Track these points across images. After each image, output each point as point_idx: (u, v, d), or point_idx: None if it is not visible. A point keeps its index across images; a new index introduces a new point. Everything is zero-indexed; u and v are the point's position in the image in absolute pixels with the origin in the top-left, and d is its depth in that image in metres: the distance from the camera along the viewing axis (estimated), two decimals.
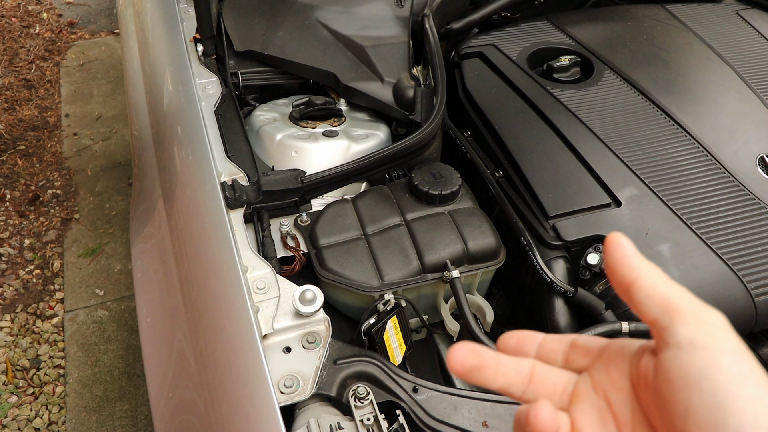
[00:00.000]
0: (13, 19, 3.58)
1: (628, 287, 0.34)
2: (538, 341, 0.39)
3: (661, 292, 0.33)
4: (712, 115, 1.17)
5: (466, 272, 0.95)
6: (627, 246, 0.34)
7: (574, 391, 0.36)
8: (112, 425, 1.78)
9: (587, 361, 0.37)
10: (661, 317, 0.32)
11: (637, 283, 0.33)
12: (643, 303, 0.33)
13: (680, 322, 0.31)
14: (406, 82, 1.21)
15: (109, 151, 2.74)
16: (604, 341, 0.37)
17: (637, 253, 0.34)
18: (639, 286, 0.33)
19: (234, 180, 0.96)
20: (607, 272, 0.35)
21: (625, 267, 0.34)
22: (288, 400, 0.71)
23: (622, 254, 0.34)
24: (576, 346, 0.38)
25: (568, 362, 0.38)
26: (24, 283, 2.17)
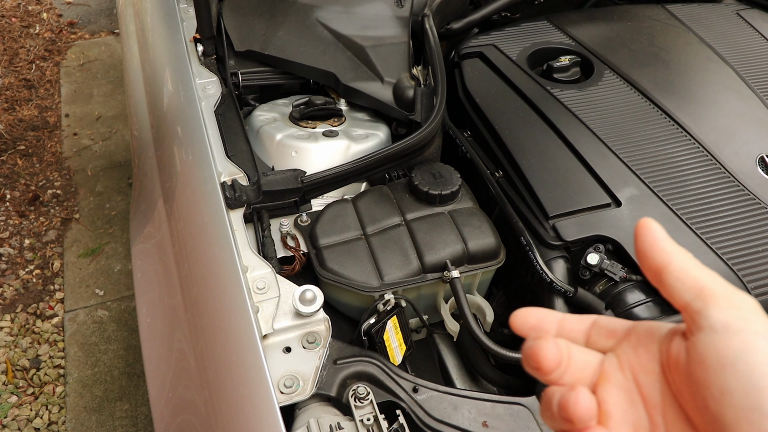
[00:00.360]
0: (13, 19, 3.58)
1: (660, 272, 0.34)
2: (557, 320, 0.39)
3: (693, 276, 0.33)
4: (712, 115, 1.17)
5: (466, 272, 0.95)
6: (658, 231, 0.35)
7: (602, 372, 0.36)
8: (112, 425, 1.78)
9: (611, 342, 0.37)
10: (693, 301, 0.32)
11: (669, 267, 0.33)
12: (675, 287, 0.33)
13: (713, 306, 0.31)
14: (406, 82, 1.21)
15: (109, 151, 2.74)
16: (629, 323, 0.37)
17: (668, 238, 0.34)
18: (671, 271, 0.33)
19: (234, 180, 0.96)
20: (639, 257, 0.35)
21: (656, 252, 0.34)
22: (288, 400, 0.71)
23: (654, 239, 0.34)
24: (598, 326, 0.38)
25: (589, 342, 0.38)
26: (24, 283, 2.17)
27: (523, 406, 0.77)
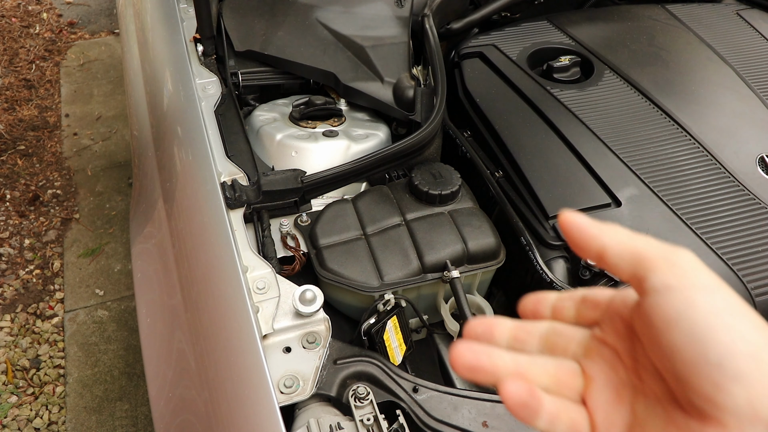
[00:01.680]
0: (13, 19, 3.58)
1: (600, 256, 0.35)
2: (551, 301, 0.40)
3: (629, 248, 0.34)
4: (712, 115, 1.17)
5: (466, 272, 0.95)
6: (580, 220, 0.35)
7: (587, 345, 0.38)
8: (112, 425, 1.78)
9: (596, 314, 0.38)
10: (636, 270, 0.33)
11: (606, 248, 0.34)
12: (617, 264, 0.34)
13: (653, 269, 0.32)
14: (406, 82, 1.21)
15: (109, 151, 2.74)
16: (611, 293, 0.38)
17: (591, 222, 0.35)
18: (608, 251, 0.34)
19: (234, 180, 0.96)
20: (576, 251, 0.36)
21: (589, 239, 0.35)
22: (288, 400, 0.71)
23: (580, 228, 0.35)
24: (585, 300, 0.39)
25: (579, 317, 0.39)
26: (24, 283, 2.17)
27: None
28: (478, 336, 0.39)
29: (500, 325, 0.39)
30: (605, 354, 0.37)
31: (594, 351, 0.37)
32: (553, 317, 0.40)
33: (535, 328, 0.39)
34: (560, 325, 0.39)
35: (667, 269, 0.32)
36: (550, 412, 0.35)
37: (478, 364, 0.36)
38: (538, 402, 0.35)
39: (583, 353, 0.38)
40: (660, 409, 0.33)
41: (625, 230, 0.35)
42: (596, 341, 0.37)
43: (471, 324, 0.39)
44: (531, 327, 0.39)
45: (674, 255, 0.33)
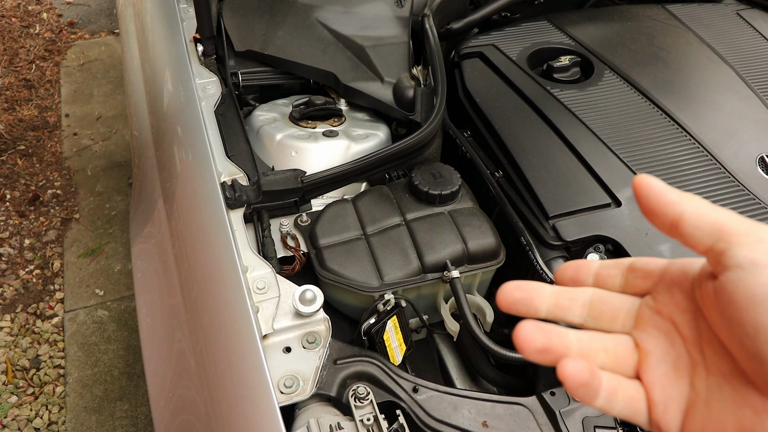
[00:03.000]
0: (13, 19, 3.58)
1: (675, 224, 0.33)
2: (594, 269, 0.38)
3: (710, 220, 0.32)
4: (712, 115, 1.17)
5: (466, 272, 0.95)
6: (659, 185, 0.33)
7: (638, 315, 0.36)
8: (112, 425, 1.78)
9: (648, 284, 0.36)
10: (716, 243, 0.31)
11: (683, 216, 0.32)
12: (694, 234, 0.32)
13: (737, 244, 0.30)
14: (406, 82, 1.21)
15: (109, 151, 2.74)
16: (664, 263, 0.36)
17: (671, 188, 0.33)
18: (686, 220, 0.32)
19: (234, 180, 0.96)
20: (648, 216, 0.34)
21: (665, 205, 0.33)
22: (288, 400, 0.71)
23: (658, 193, 0.33)
24: (634, 269, 0.37)
25: (627, 286, 0.37)
26: (24, 283, 2.17)
27: (523, 406, 0.77)
28: (517, 302, 0.36)
29: (540, 291, 0.37)
30: (660, 325, 0.35)
31: (647, 322, 0.36)
32: (597, 285, 0.38)
33: (579, 295, 0.37)
34: (605, 293, 0.37)
35: (753, 244, 0.30)
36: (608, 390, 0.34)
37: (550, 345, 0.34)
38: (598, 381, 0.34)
39: (634, 324, 0.36)
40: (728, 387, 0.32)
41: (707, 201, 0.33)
42: (650, 311, 0.36)
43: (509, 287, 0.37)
44: (573, 293, 0.37)
45: (761, 230, 0.31)
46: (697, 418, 0.32)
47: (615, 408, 0.34)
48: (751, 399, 0.30)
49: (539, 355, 0.34)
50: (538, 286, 0.37)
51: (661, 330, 0.35)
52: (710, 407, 0.32)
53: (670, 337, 0.35)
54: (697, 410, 0.32)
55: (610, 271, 0.38)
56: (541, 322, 0.35)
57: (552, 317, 0.37)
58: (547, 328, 0.35)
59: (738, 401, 0.31)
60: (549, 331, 0.35)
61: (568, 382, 0.33)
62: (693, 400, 0.33)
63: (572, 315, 0.37)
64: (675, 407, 0.33)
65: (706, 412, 0.32)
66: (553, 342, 0.34)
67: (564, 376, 0.33)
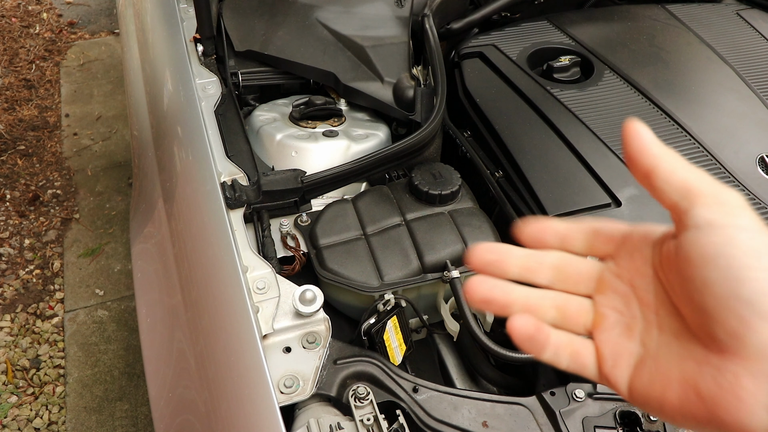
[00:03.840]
0: (13, 19, 3.58)
1: (648, 174, 0.34)
2: (559, 231, 0.39)
3: (680, 177, 0.33)
4: (712, 115, 1.17)
5: (466, 272, 0.95)
6: (646, 134, 0.35)
7: (599, 279, 0.38)
8: (112, 425, 1.78)
9: (611, 248, 0.38)
10: (680, 201, 0.33)
11: (657, 169, 0.34)
12: (663, 188, 0.34)
13: (699, 204, 0.32)
14: (406, 82, 1.21)
15: (109, 151, 2.74)
16: (627, 228, 0.38)
17: (657, 141, 0.35)
18: (659, 173, 0.34)
19: (234, 180, 0.96)
20: (627, 161, 0.35)
21: (645, 155, 0.34)
22: (288, 400, 0.71)
23: (642, 142, 0.35)
24: (598, 233, 0.39)
25: (590, 249, 0.39)
26: (24, 283, 2.17)
27: (523, 406, 0.77)
28: (488, 264, 0.38)
29: (511, 253, 0.39)
30: (619, 289, 0.37)
31: (608, 286, 0.37)
32: (560, 247, 0.39)
33: (546, 258, 0.39)
34: (571, 257, 0.39)
35: (713, 205, 0.32)
36: (556, 345, 0.36)
37: (492, 296, 0.37)
38: (545, 336, 0.36)
39: (596, 287, 0.38)
40: (676, 343, 0.34)
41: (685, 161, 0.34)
42: (610, 275, 0.38)
43: (481, 249, 0.39)
44: (541, 257, 0.39)
45: (724, 193, 0.32)
46: (645, 372, 0.35)
47: (562, 361, 0.37)
48: (694, 352, 0.33)
49: (482, 305, 0.37)
50: (509, 249, 0.39)
51: (619, 293, 0.37)
52: (658, 362, 0.34)
53: (627, 301, 0.37)
54: (645, 365, 0.35)
55: (573, 234, 0.39)
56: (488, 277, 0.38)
57: (521, 279, 0.39)
58: (492, 281, 0.38)
59: (683, 355, 0.33)
60: (493, 285, 0.38)
61: (515, 335, 0.36)
62: (643, 357, 0.35)
63: (540, 277, 0.39)
64: (624, 362, 0.35)
65: (654, 366, 0.34)
66: (495, 294, 0.37)
67: (511, 329, 0.36)
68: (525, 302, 0.38)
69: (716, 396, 0.31)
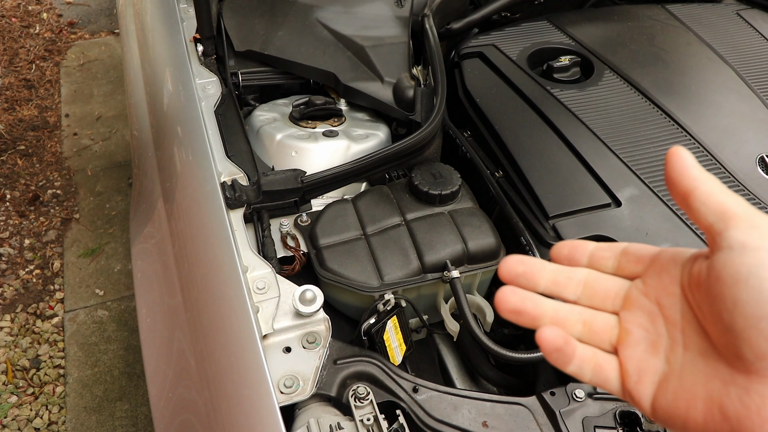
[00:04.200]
0: (13, 19, 3.58)
1: (687, 196, 0.35)
2: (589, 250, 0.41)
3: (717, 200, 0.34)
4: (712, 115, 1.17)
5: (466, 272, 0.95)
6: (688, 158, 0.36)
7: (626, 296, 0.39)
8: (112, 425, 1.78)
9: (639, 268, 0.39)
10: (716, 223, 0.34)
11: (695, 192, 0.35)
12: (700, 210, 0.35)
13: (733, 227, 0.33)
14: (406, 82, 1.21)
15: (109, 151, 2.74)
16: (656, 250, 0.39)
17: (697, 165, 0.36)
18: (697, 195, 0.35)
19: (234, 180, 0.96)
20: (668, 182, 0.37)
21: (685, 177, 0.36)
22: (288, 400, 0.71)
23: (683, 165, 0.36)
24: (627, 253, 0.40)
25: (619, 269, 0.40)
26: (24, 283, 2.17)
27: (523, 406, 0.77)
28: (518, 276, 0.40)
29: (541, 267, 0.40)
30: (646, 307, 0.38)
31: (634, 303, 0.38)
32: (590, 266, 0.41)
33: (575, 274, 0.40)
34: (599, 274, 0.40)
35: (747, 229, 0.33)
36: (581, 359, 0.38)
37: (523, 308, 0.38)
38: (572, 349, 0.37)
39: (622, 304, 0.39)
40: (701, 362, 0.34)
41: (723, 186, 0.35)
42: (637, 293, 0.38)
43: (512, 261, 0.40)
44: (570, 273, 0.40)
45: (758, 217, 0.33)
46: (670, 389, 0.35)
47: (585, 375, 0.38)
48: (720, 371, 0.33)
49: (512, 315, 0.39)
50: (540, 263, 0.40)
51: (645, 311, 0.38)
52: (683, 380, 0.35)
53: (653, 318, 0.37)
54: (670, 383, 0.35)
55: (604, 254, 0.41)
56: (519, 288, 0.39)
57: (549, 293, 0.40)
58: (524, 293, 0.39)
59: (709, 374, 0.34)
60: (524, 296, 0.39)
61: (543, 346, 0.37)
62: (667, 374, 0.36)
63: (567, 292, 0.40)
64: (648, 379, 0.36)
65: (678, 384, 0.35)
66: (527, 306, 0.39)
67: (540, 340, 0.37)
68: (554, 315, 0.39)
69: (742, 416, 0.31)
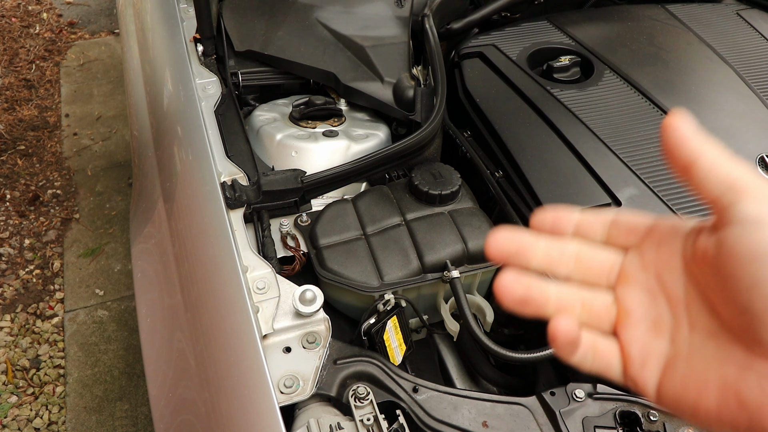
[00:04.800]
0: (13, 19, 3.58)
1: (688, 167, 0.32)
2: (574, 220, 0.38)
3: (723, 170, 0.31)
4: (712, 115, 1.17)
5: (466, 272, 0.95)
6: (687, 125, 0.33)
7: (622, 271, 0.36)
8: (112, 425, 1.78)
9: (632, 240, 0.36)
10: (723, 195, 0.31)
11: (698, 162, 0.32)
12: (704, 182, 0.32)
13: (745, 199, 0.30)
14: (406, 82, 1.21)
15: (109, 151, 2.74)
16: (650, 220, 0.36)
17: (698, 132, 0.33)
18: (700, 166, 0.32)
19: (234, 180, 0.96)
20: (666, 154, 0.33)
21: (685, 147, 0.32)
22: (288, 400, 0.71)
23: (682, 134, 0.33)
24: (617, 223, 0.37)
25: (609, 241, 0.37)
26: (24, 283, 2.17)
27: (523, 406, 0.77)
28: (511, 255, 0.36)
29: (533, 243, 0.37)
30: (644, 282, 0.35)
31: (631, 278, 0.35)
32: (577, 237, 0.37)
33: (566, 248, 0.37)
34: (590, 247, 0.37)
35: (761, 201, 0.30)
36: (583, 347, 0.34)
37: (529, 296, 0.35)
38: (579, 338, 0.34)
39: (617, 279, 0.36)
40: (712, 344, 0.32)
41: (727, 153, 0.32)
42: (634, 268, 0.35)
43: (502, 238, 0.36)
44: (562, 246, 0.37)
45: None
46: (677, 374, 0.32)
47: (587, 364, 0.35)
48: (735, 355, 0.30)
49: (519, 306, 0.35)
50: (531, 239, 0.37)
51: (643, 287, 0.35)
52: (692, 364, 0.32)
53: (653, 294, 0.34)
54: (677, 367, 0.33)
55: (591, 224, 0.37)
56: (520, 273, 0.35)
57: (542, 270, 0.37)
58: (527, 280, 0.35)
59: (722, 358, 0.31)
60: (529, 284, 0.35)
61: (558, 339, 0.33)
62: (673, 358, 0.33)
63: (561, 269, 0.37)
64: (653, 364, 0.33)
65: (687, 368, 0.32)
66: (533, 294, 0.35)
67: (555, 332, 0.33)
68: (557, 300, 0.36)
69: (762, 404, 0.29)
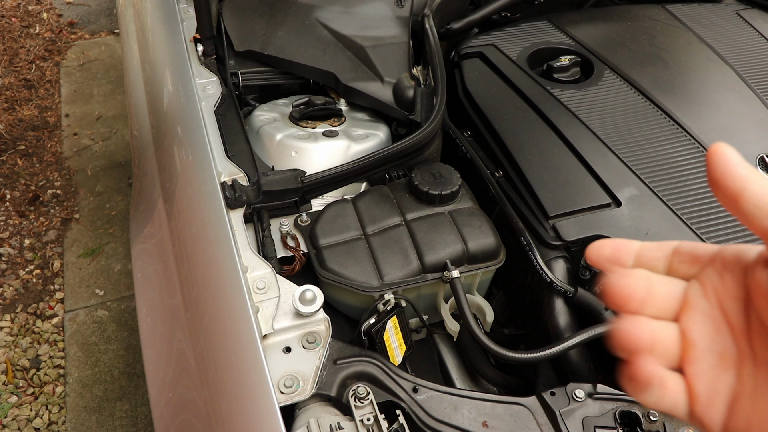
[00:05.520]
0: (13, 19, 3.58)
1: (735, 198, 0.31)
2: (635, 250, 0.36)
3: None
4: (712, 115, 1.17)
5: (466, 272, 0.95)
6: (732, 155, 0.32)
7: (685, 300, 0.34)
8: (112, 425, 1.78)
9: (694, 269, 0.35)
10: None
11: (745, 193, 0.30)
12: (752, 214, 0.30)
13: None
14: (406, 82, 1.21)
15: (109, 151, 2.74)
16: (714, 248, 0.35)
17: (743, 162, 0.32)
18: (747, 197, 0.30)
19: (234, 180, 0.96)
20: (711, 185, 0.32)
21: (730, 177, 0.31)
22: (288, 400, 0.71)
23: (727, 164, 0.31)
24: (680, 252, 0.35)
25: (671, 270, 0.35)
26: (24, 283, 2.17)
27: (523, 406, 0.77)
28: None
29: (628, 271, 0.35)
30: (707, 311, 0.33)
31: (693, 307, 0.34)
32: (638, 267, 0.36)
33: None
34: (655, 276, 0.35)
35: None
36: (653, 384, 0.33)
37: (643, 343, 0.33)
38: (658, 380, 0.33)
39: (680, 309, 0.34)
40: None
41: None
42: (697, 296, 0.34)
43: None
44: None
45: None
46: (743, 412, 0.31)
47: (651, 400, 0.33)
48: None
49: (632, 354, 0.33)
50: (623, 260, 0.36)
51: (707, 316, 0.33)
52: (757, 402, 0.30)
53: (717, 325, 0.33)
54: (742, 404, 0.31)
55: (653, 254, 0.36)
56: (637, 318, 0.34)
57: None
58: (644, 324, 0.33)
59: None
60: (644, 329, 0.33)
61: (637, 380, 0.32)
62: (738, 394, 0.31)
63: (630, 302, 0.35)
64: (720, 401, 0.32)
65: (752, 406, 0.31)
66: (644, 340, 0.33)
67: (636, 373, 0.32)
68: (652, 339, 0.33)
69: None
